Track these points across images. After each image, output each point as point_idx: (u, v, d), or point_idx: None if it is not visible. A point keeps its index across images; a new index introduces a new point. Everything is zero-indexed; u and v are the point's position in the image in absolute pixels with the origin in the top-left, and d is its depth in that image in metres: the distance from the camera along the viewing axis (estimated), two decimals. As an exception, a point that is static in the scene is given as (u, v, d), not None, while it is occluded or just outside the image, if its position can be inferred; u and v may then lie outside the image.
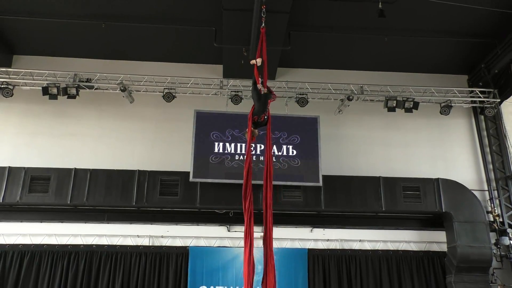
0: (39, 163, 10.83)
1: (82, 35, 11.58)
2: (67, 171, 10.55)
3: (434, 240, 11.14)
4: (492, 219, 11.23)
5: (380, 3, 9.46)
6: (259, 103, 6.57)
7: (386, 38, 11.24)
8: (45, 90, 10.97)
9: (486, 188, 11.87)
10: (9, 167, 10.49)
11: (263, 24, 7.24)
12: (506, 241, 10.96)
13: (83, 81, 11.30)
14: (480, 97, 12.09)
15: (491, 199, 11.66)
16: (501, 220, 11.33)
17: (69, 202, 10.35)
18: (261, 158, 10.45)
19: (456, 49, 12.08)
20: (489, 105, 12.03)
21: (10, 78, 11.21)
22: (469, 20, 10.94)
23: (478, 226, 10.62)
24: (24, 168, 10.52)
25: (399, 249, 11.05)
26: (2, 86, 11.13)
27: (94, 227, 10.71)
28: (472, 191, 11.21)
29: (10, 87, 11.17)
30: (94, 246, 10.49)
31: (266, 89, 6.60)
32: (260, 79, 6.59)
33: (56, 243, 10.47)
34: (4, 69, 11.30)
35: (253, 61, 6.61)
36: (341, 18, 10.97)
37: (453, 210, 10.77)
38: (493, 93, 12.00)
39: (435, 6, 9.97)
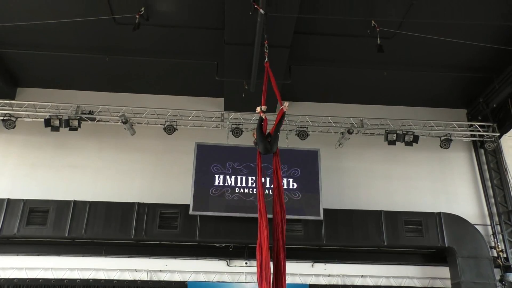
0: (38, 195, 10.76)
1: (85, 68, 11.76)
2: (66, 203, 10.46)
3: (438, 276, 10.94)
4: (496, 255, 11.08)
5: (378, 39, 9.67)
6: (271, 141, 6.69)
7: (385, 72, 11.40)
8: (48, 122, 11.06)
9: (488, 222, 11.73)
10: (8, 199, 10.41)
11: (266, 59, 7.32)
12: (511, 277, 10.75)
13: (85, 113, 11.41)
14: (479, 131, 12.16)
15: (494, 234, 11.51)
16: (505, 255, 11.16)
17: (67, 235, 10.20)
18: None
19: (455, 83, 12.24)
20: (488, 139, 12.08)
21: (13, 110, 11.32)
22: (467, 55, 11.13)
23: (482, 262, 10.46)
24: (23, 200, 10.44)
25: (402, 285, 10.84)
26: (4, 118, 11.23)
27: (91, 260, 10.54)
28: (475, 225, 11.08)
29: (13, 119, 11.28)
30: (91, 280, 10.30)
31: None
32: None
33: (52, 277, 10.28)
34: (7, 101, 11.44)
35: (284, 109, 6.65)
36: (340, 53, 11.18)
37: (456, 245, 10.62)
38: (493, 127, 12.09)
39: (433, 41, 10.18)
